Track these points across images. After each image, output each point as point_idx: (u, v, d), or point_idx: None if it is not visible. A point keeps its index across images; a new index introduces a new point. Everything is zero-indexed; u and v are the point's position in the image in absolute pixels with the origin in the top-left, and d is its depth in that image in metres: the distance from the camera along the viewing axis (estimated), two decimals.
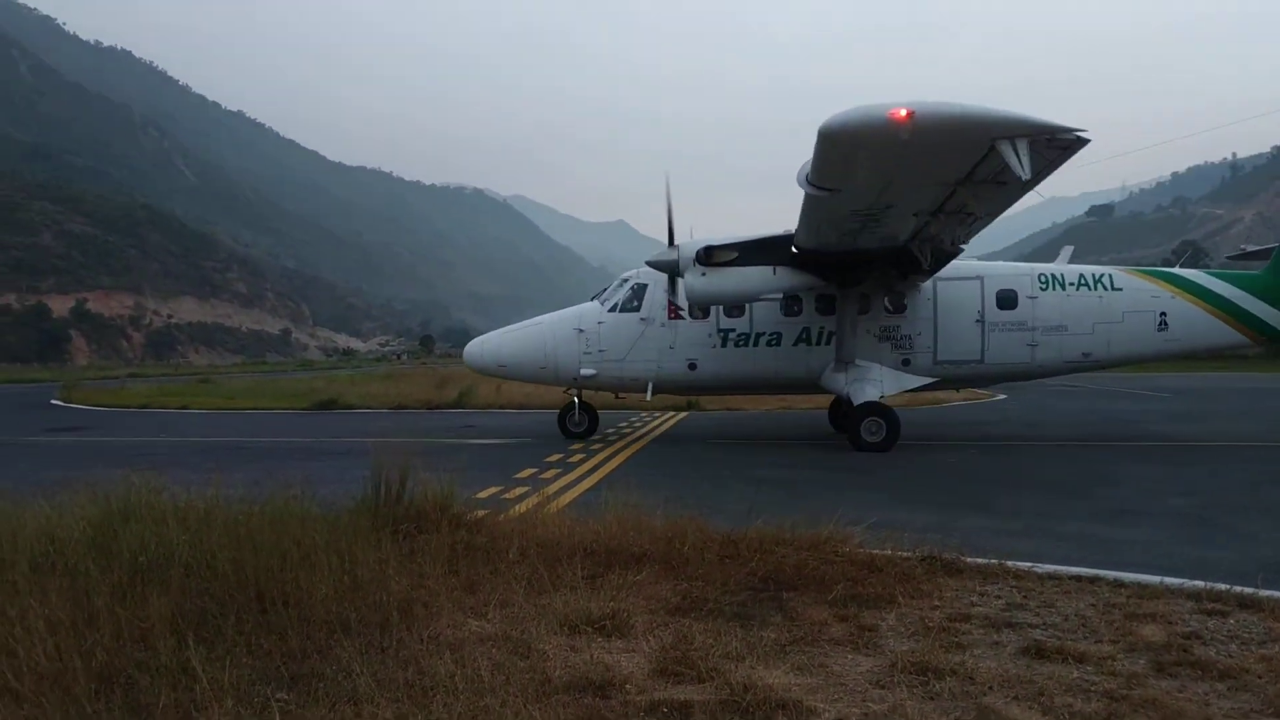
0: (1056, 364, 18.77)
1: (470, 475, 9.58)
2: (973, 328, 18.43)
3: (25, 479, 11.82)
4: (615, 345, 18.96)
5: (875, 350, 18.33)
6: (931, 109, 10.77)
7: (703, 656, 5.17)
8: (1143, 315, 18.41)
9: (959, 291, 18.58)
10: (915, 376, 18.38)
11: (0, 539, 6.90)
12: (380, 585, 6.12)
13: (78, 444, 19.86)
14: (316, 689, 4.72)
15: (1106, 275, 18.79)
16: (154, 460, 14.29)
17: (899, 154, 11.64)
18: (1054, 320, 18.38)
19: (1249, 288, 18.65)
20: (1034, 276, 18.72)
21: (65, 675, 4.64)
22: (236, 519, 7.06)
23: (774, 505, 8.74)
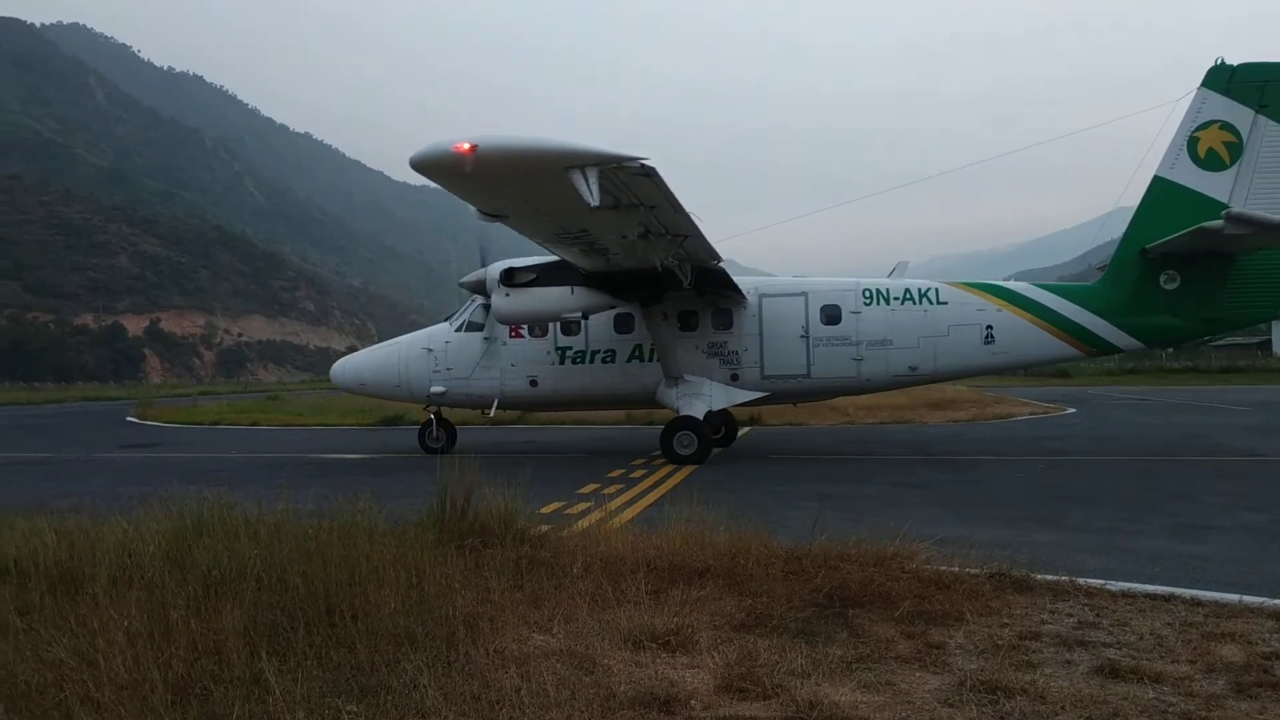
0: (883, 378, 18.99)
1: (533, 490, 9.64)
2: (798, 343, 18.80)
3: (103, 494, 12.15)
4: (461, 363, 19.70)
5: (705, 366, 18.84)
6: (493, 142, 10.88)
7: (768, 673, 5.14)
8: (968, 329, 18.62)
9: (784, 307, 18.96)
10: (744, 391, 18.87)
11: (80, 553, 7.12)
12: (446, 599, 6.18)
13: (152, 460, 20.35)
14: (385, 701, 4.78)
15: (932, 289, 19.01)
16: (225, 476, 14.59)
17: (497, 183, 12.00)
18: (878, 334, 18.67)
19: (1079, 300, 18.82)
20: (858, 291, 19.00)
21: (143, 686, 4.75)
22: (306, 533, 7.20)
23: (838, 521, 8.67)
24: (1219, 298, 18.30)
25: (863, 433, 24.27)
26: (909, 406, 31.55)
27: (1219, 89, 18.37)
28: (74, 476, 17.21)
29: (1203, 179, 18.29)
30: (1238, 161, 18.22)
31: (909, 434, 23.59)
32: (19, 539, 7.59)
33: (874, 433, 24.24)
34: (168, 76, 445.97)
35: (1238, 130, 18.25)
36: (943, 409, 30.92)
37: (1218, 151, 18.31)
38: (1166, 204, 18.27)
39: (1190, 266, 18.22)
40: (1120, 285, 18.72)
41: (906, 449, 19.84)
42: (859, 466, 16.77)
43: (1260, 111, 18.11)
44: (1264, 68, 18.27)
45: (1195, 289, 18.29)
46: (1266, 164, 18.10)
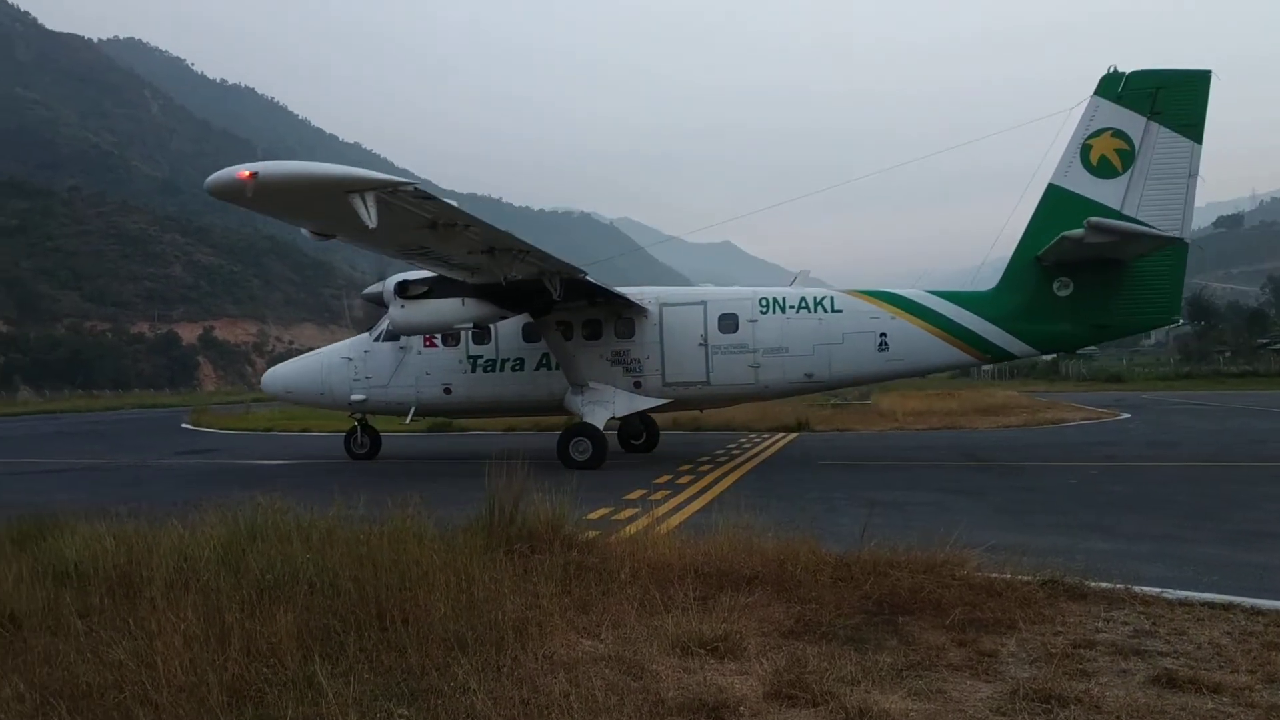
0: (781, 385, 19.41)
1: (580, 496, 9.66)
2: (697, 351, 19.21)
3: (159, 499, 12.37)
4: (379, 372, 20.32)
5: (609, 374, 19.35)
6: (271, 170, 11.22)
7: (817, 680, 5.12)
8: (863, 336, 18.95)
9: (683, 316, 19.42)
10: (647, 398, 19.36)
11: (138, 557, 7.27)
12: (495, 604, 6.22)
13: (207, 466, 20.70)
14: (435, 706, 4.82)
15: (828, 298, 19.37)
16: (278, 481, 14.79)
17: (287, 206, 12.76)
18: (775, 342, 19.06)
19: (973, 307, 19.07)
20: (755, 300, 19.41)
21: (200, 688, 4.84)
22: (357, 538, 7.29)
23: (887, 527, 8.60)
24: (1112, 304, 18.47)
25: (912, 439, 24.07)
26: (959, 412, 31.24)
27: (1111, 97, 18.54)
28: (131, 482, 17.54)
29: (1095, 186, 18.46)
30: (1130, 168, 18.36)
31: (959, 440, 23.35)
32: (79, 543, 7.76)
33: (923, 439, 24.02)
34: (220, 89, 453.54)
35: (1129, 137, 18.40)
36: (993, 415, 30.56)
37: (1110, 159, 18.48)
38: (1060, 211, 18.34)
39: (1083, 273, 18.38)
40: (1014, 292, 18.93)
41: (957, 455, 19.65)
42: (908, 473, 16.64)
43: (1152, 118, 18.26)
44: (1155, 75, 18.44)
45: (1088, 296, 18.46)
46: (1158, 170, 18.25)
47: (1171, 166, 18.26)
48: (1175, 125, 18.22)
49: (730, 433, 26.06)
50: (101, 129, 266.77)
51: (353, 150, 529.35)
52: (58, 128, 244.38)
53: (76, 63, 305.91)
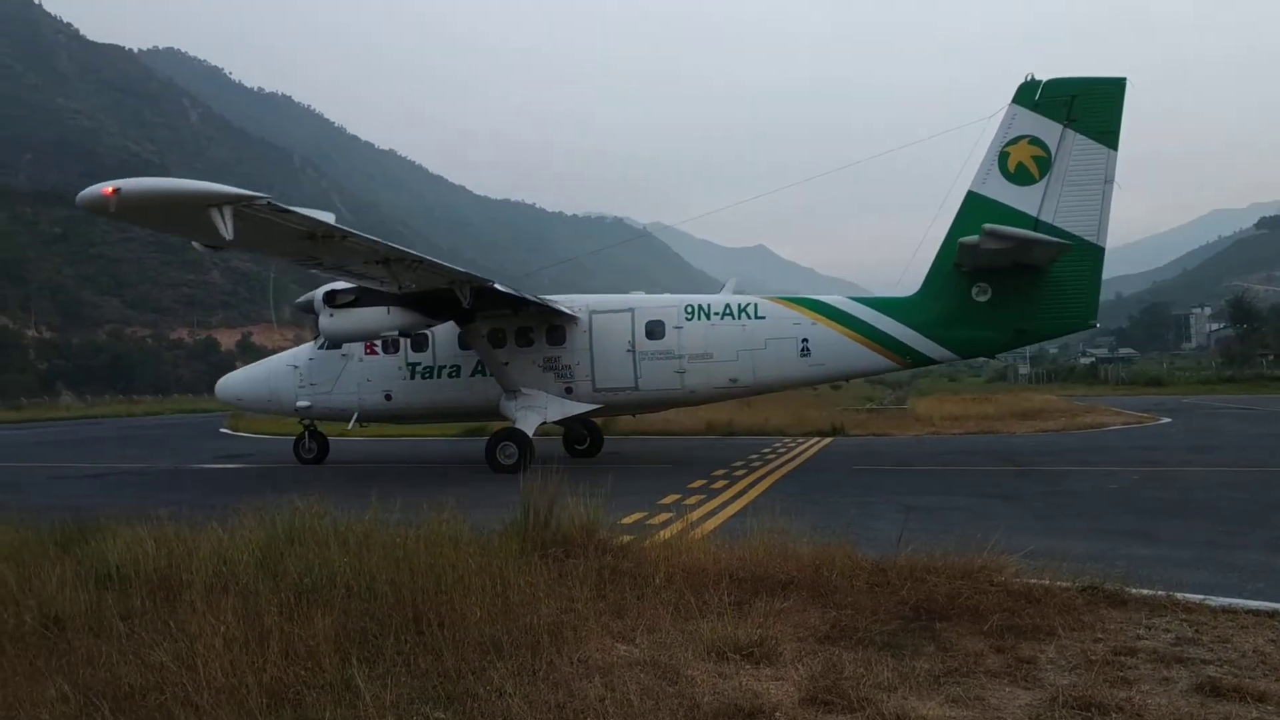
0: (706, 390, 19.81)
1: (614, 501, 9.67)
2: (625, 357, 19.64)
3: (199, 503, 12.51)
4: (323, 379, 20.75)
5: (541, 379, 19.79)
6: (133, 186, 11.55)
7: (853, 686, 5.09)
8: (785, 342, 19.28)
9: (612, 323, 19.87)
10: (578, 403, 19.77)
11: (178, 560, 7.36)
12: (530, 608, 6.24)
13: (245, 470, 20.91)
14: (471, 709, 4.85)
15: (752, 304, 19.79)
16: (315, 485, 14.90)
17: (158, 220, 13.19)
18: (699, 348, 19.48)
19: (893, 312, 19.32)
20: (681, 307, 19.87)
21: (240, 690, 4.89)
22: (394, 542, 7.34)
23: (924, 532, 8.54)
24: (1030, 309, 18.66)
25: (948, 443, 23.88)
26: (995, 416, 30.97)
27: (1029, 105, 18.69)
28: (171, 486, 17.76)
29: (1013, 193, 18.62)
30: (1046, 175, 18.53)
31: (997, 444, 23.13)
32: (121, 547, 7.86)
33: (960, 443, 23.82)
34: (257, 97, 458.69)
35: (1046, 145, 18.58)
36: (1030, 419, 30.25)
37: (1027, 166, 18.65)
38: (979, 218, 18.31)
39: (1001, 279, 18.58)
40: (934, 298, 19.15)
41: (994, 459, 19.48)
42: (945, 477, 16.51)
43: (1068, 126, 18.43)
44: (1072, 83, 18.60)
45: (1006, 301, 18.64)
46: (1074, 177, 18.44)
47: (1088, 173, 18.46)
48: (1091, 132, 18.41)
49: (764, 437, 25.98)
50: (142, 138, 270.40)
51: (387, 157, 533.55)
52: (99, 137, 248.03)
53: (117, 73, 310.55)
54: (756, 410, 32.38)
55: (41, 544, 8.41)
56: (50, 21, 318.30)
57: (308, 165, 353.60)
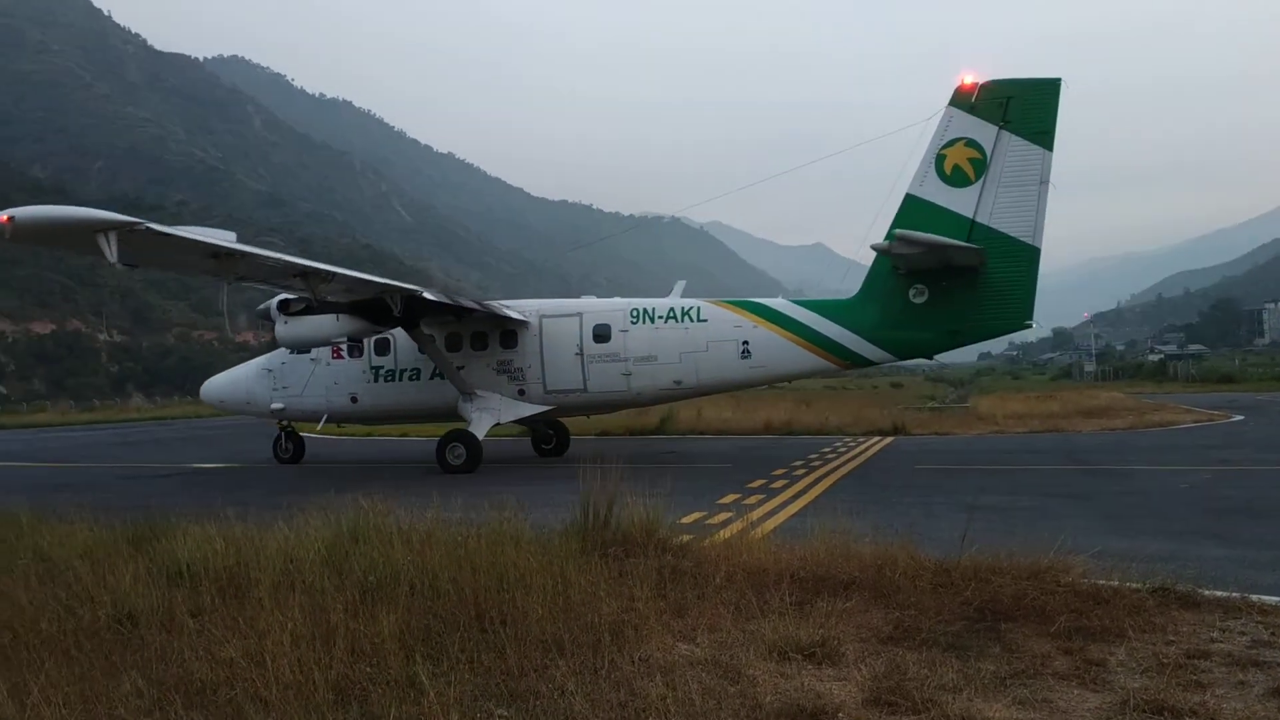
0: (652, 392, 20.34)
1: (674, 500, 9.67)
2: (574, 360, 20.19)
3: (265, 502, 12.74)
4: (294, 382, 21.53)
5: (494, 382, 20.39)
6: (26, 214, 12.31)
7: (917, 687, 5.04)
8: (726, 344, 19.70)
9: (561, 327, 20.44)
10: (530, 405, 20.40)
11: (246, 558, 7.50)
12: (591, 607, 6.26)
13: (309, 470, 21.24)
14: (534, 707, 4.87)
15: (695, 307, 20.23)
16: (376, 484, 15.09)
17: (55, 243, 14.46)
18: (644, 351, 19.94)
19: (833, 315, 19.66)
20: (626, 311, 20.39)
21: (307, 686, 4.97)
22: (456, 540, 7.41)
23: (988, 533, 8.41)
24: (966, 310, 18.89)
25: (1013, 442, 23.51)
26: (1060, 415, 30.43)
27: (965, 107, 18.86)
28: (238, 485, 18.09)
29: (949, 195, 18.78)
30: (982, 177, 18.70)
31: (1062, 443, 22.74)
32: (191, 545, 8.03)
33: (1025, 442, 23.45)
34: (319, 103, 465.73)
35: (982, 146, 18.75)
36: (1097, 417, 29.67)
37: (963, 168, 18.82)
38: (917, 221, 18.61)
39: (937, 281, 18.79)
40: (872, 300, 19.51)
41: (1060, 458, 19.16)
42: (1009, 476, 16.26)
43: (1003, 127, 18.60)
44: (1007, 84, 18.78)
45: (942, 303, 18.85)
46: (1009, 178, 18.60)
47: (1023, 174, 18.59)
48: (1026, 133, 18.54)
49: (824, 437, 25.80)
50: (208, 144, 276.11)
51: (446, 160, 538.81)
52: (166, 144, 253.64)
53: (183, 81, 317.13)
54: (816, 410, 32.23)
55: (115, 542, 8.62)
56: (119, 32, 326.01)
57: (368, 169, 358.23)
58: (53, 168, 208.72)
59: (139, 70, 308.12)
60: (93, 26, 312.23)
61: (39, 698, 4.90)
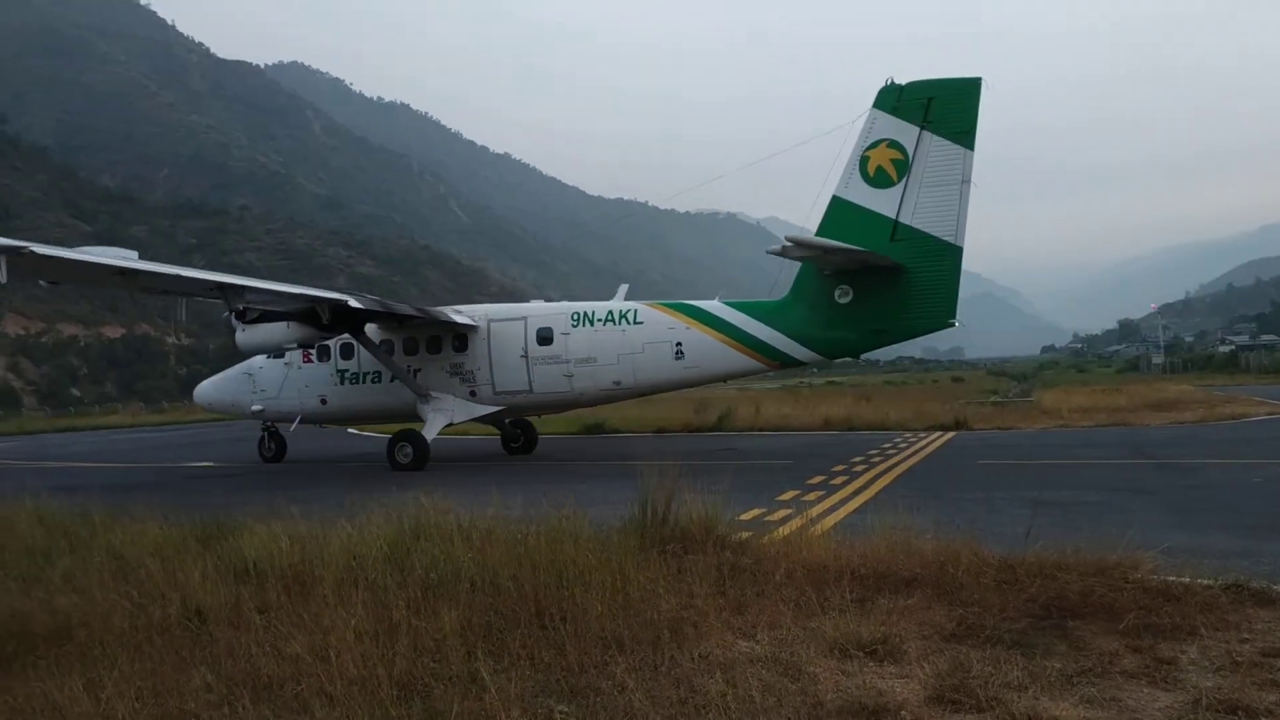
0: (593, 393, 21.04)
1: (732, 497, 9.63)
2: (519, 362, 21.01)
3: (328, 500, 12.91)
4: (271, 385, 22.67)
5: (448, 384, 21.26)
6: None
7: (982, 685, 4.97)
8: (661, 346, 20.32)
9: (508, 331, 21.28)
10: (481, 405, 21.25)
11: (310, 556, 7.63)
12: (651, 604, 6.26)
13: (372, 469, 21.49)
14: (594, 703, 4.89)
15: (632, 310, 20.88)
16: (436, 482, 15.24)
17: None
18: (584, 353, 20.67)
19: (762, 316, 20.13)
20: (567, 315, 21.22)
21: (371, 682, 5.04)
22: (515, 538, 7.47)
23: (1052, 528, 8.26)
24: (890, 310, 19.21)
25: (1078, 436, 23.09)
26: (1128, 408, 29.81)
27: (888, 109, 19.10)
28: (302, 484, 18.37)
29: (873, 196, 19.09)
30: (905, 177, 18.94)
31: (1129, 436, 22.28)
32: (257, 543, 8.18)
33: (1090, 436, 23.02)
34: (377, 106, 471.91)
35: (904, 147, 18.99)
36: (1165, 410, 29.02)
37: (886, 169, 19.10)
38: (843, 222, 19.09)
39: (861, 281, 19.19)
40: (801, 301, 20.00)
41: (1127, 452, 18.76)
42: (1075, 471, 15.96)
43: (925, 128, 18.80)
44: (929, 85, 18.97)
45: (866, 303, 19.23)
46: (931, 178, 18.81)
47: (945, 174, 18.78)
48: (948, 133, 18.74)
49: (884, 433, 25.55)
50: (269, 150, 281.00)
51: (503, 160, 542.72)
52: (230, 150, 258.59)
53: (245, 88, 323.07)
54: (876, 405, 31.94)
55: (184, 540, 8.81)
56: (183, 42, 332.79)
57: (426, 171, 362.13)
58: (121, 175, 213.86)
59: (202, 78, 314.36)
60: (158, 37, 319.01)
61: (113, 692, 5.03)
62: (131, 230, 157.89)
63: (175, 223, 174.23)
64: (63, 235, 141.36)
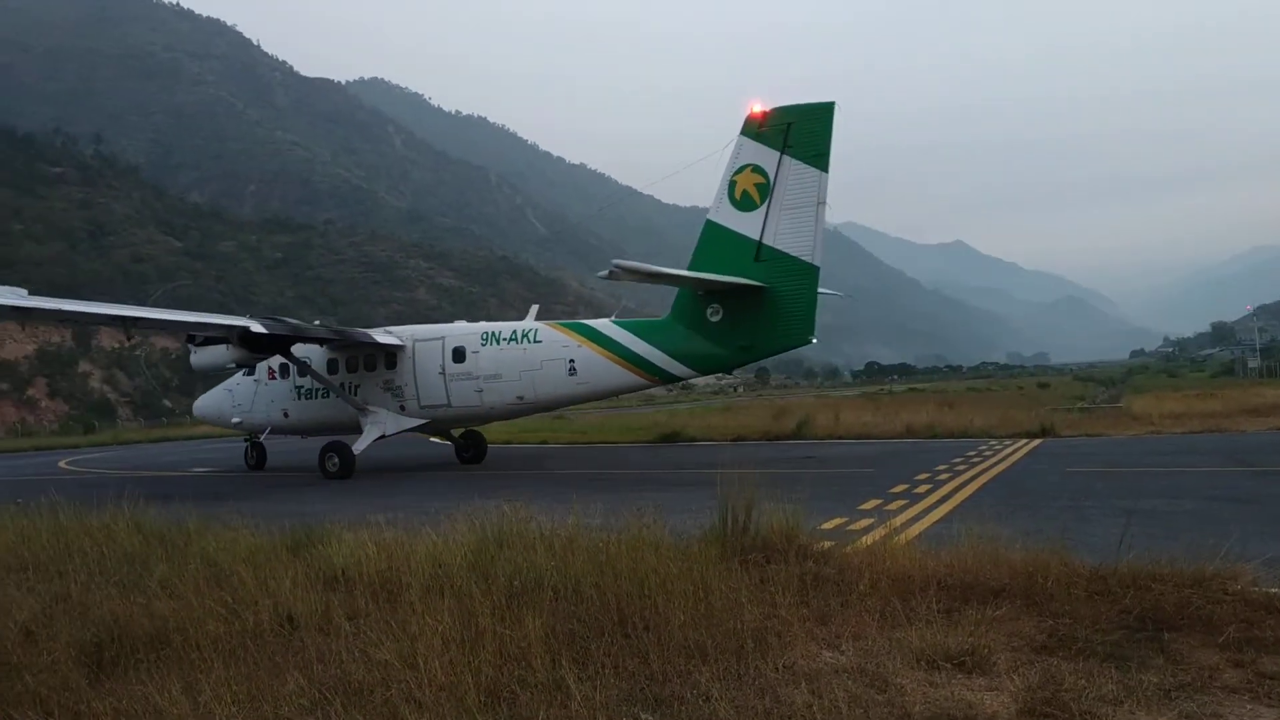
0: (501, 407, 22.82)
1: (814, 506, 9.56)
2: (438, 378, 22.84)
3: (413, 509, 13.14)
4: (245, 400, 25.22)
5: (382, 399, 23.33)
6: None
7: (1075, 698, 4.86)
8: (557, 363, 21.91)
9: (428, 350, 23.10)
10: (410, 419, 23.25)
11: (397, 563, 7.76)
12: (733, 613, 6.24)
13: (454, 477, 21.79)
14: (679, 712, 4.89)
15: (533, 329, 22.62)
16: (521, 491, 15.38)
17: None
18: (492, 370, 22.40)
19: (645, 334, 21.53)
20: (478, 334, 23.08)
21: (459, 688, 5.10)
22: (597, 546, 7.50)
23: (1146, 538, 8.05)
24: (755, 328, 20.23)
25: (1171, 443, 22.41)
26: (1223, 414, 28.84)
27: (752, 135, 20.10)
28: (388, 493, 18.69)
29: (739, 219, 20.15)
30: (766, 200, 19.89)
31: (1225, 443, 21.55)
32: (345, 551, 8.35)
33: (1183, 442, 22.33)
34: (455, 120, 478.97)
35: (766, 171, 19.96)
36: (1264, 416, 27.99)
37: (750, 193, 20.08)
38: (714, 244, 20.38)
39: (729, 301, 20.30)
40: (679, 319, 21.22)
41: (1223, 459, 18.15)
42: (1169, 479, 15.49)
43: (785, 152, 19.73)
44: (788, 110, 19.93)
45: (733, 321, 20.36)
46: (790, 201, 19.73)
47: (802, 196, 19.72)
48: (804, 157, 19.67)
49: (968, 440, 25.10)
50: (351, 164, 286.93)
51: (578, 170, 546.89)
52: (314, 166, 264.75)
53: (327, 104, 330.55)
54: (959, 412, 31.44)
55: (274, 548, 9.02)
56: (268, 61, 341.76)
57: (503, 183, 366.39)
58: (209, 193, 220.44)
59: (286, 95, 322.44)
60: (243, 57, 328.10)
61: (210, 695, 5.18)
62: (220, 246, 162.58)
63: (262, 237, 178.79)
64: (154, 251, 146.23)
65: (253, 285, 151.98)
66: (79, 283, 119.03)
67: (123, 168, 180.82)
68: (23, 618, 7.11)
